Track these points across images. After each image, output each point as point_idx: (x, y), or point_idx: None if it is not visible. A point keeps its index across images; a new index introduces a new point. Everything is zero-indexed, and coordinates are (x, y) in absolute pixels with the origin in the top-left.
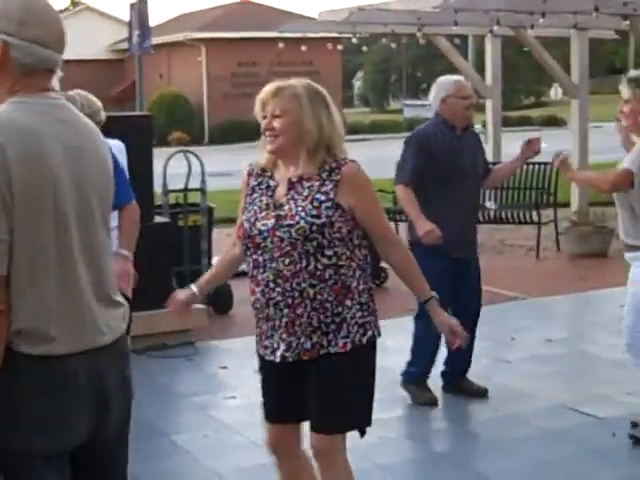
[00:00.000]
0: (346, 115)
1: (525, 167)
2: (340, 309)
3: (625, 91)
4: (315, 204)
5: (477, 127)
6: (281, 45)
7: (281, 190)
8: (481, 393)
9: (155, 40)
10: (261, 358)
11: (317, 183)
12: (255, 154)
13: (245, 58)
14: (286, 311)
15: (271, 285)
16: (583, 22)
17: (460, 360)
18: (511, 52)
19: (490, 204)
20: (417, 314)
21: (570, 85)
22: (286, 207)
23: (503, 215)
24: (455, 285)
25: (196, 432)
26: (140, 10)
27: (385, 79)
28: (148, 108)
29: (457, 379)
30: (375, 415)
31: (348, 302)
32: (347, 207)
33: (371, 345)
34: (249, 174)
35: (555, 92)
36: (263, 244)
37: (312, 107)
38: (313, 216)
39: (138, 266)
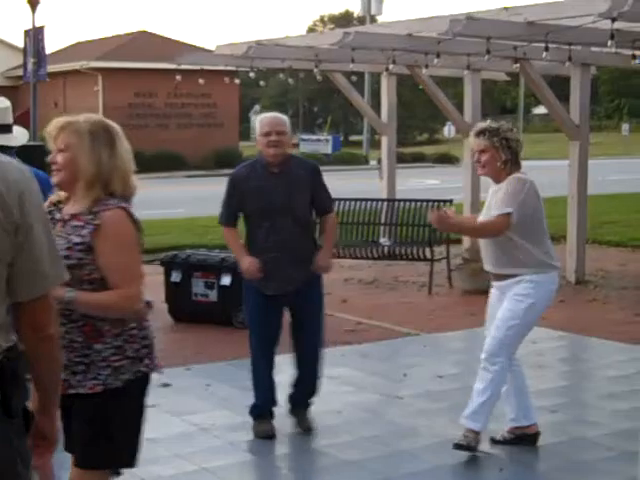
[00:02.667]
0: (242, 148)
1: (419, 204)
2: (89, 351)
3: (479, 142)
4: (69, 245)
5: (372, 162)
6: (178, 77)
7: (58, 226)
8: (306, 429)
9: (51, 68)
10: None
11: (81, 223)
12: (147, 185)
13: (142, 88)
14: None
15: None
16: (476, 63)
17: (306, 384)
18: (407, 89)
19: (384, 240)
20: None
21: (463, 124)
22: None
23: (397, 251)
24: (293, 321)
25: None
26: (35, 37)
27: (282, 113)
28: (41, 137)
29: (297, 406)
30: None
31: (99, 345)
32: (97, 252)
33: (135, 386)
34: (48, 205)
35: (448, 130)
36: None
37: (92, 143)
38: (64, 257)
39: None
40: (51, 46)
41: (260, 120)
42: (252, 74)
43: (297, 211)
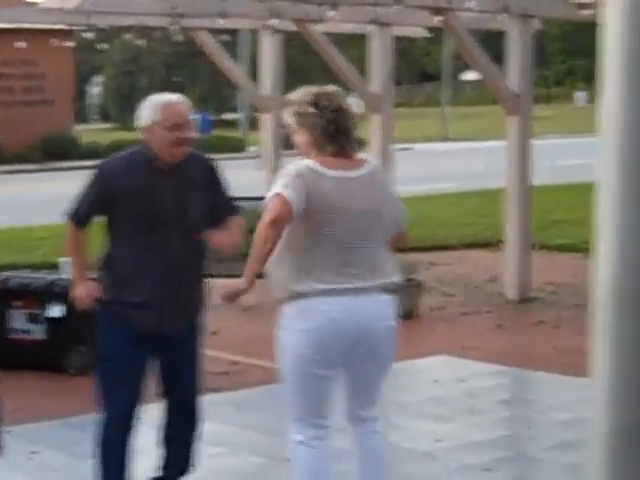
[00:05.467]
0: (79, 133)
1: None
2: None
3: (288, 119)
4: None
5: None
6: None
7: None
8: None
9: None
10: None
11: None
12: None
13: None
14: None
15: None
16: (384, 16)
17: (179, 461)
18: (298, 52)
19: None
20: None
21: (370, 96)
22: None
23: None
24: (165, 367)
25: None
26: None
27: (131, 85)
28: None
29: None
30: None
31: None
32: None
33: None
34: None
35: (357, 104)
36: None
37: None
38: None
39: None
40: None
41: (161, 106)
42: (90, 34)
43: (190, 223)
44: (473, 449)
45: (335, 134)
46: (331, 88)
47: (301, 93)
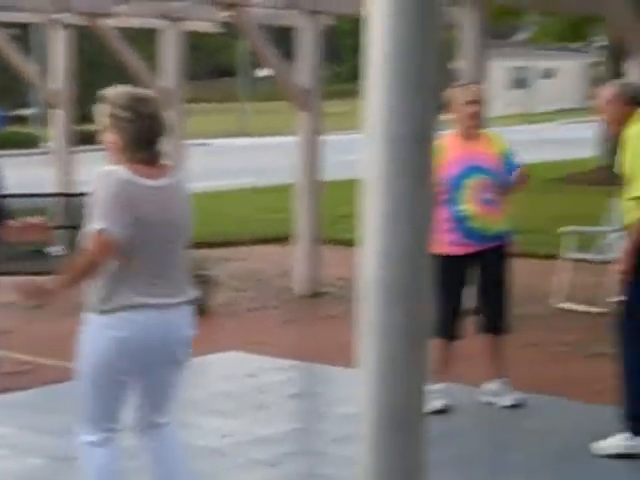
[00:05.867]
0: None
1: None
2: None
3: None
4: None
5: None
6: None
7: None
8: None
9: None
10: None
11: None
12: None
13: None
14: None
15: None
16: (176, 11)
17: None
18: (93, 46)
19: (56, 249)
20: None
21: (161, 91)
22: None
23: None
24: None
25: None
26: None
27: None
28: None
29: None
30: None
31: None
32: None
33: None
34: None
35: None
36: None
37: None
38: None
39: None
40: None
41: None
42: None
43: None
44: (261, 444)
45: (147, 141)
46: (148, 93)
47: (118, 93)
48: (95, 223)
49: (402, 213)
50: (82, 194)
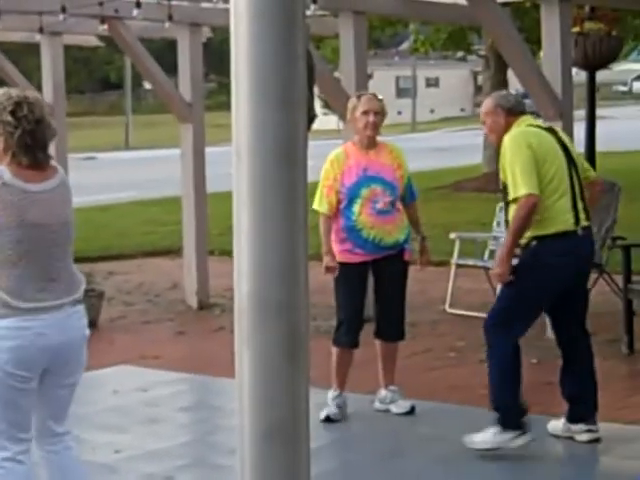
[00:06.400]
0: None
1: None
2: None
3: None
4: None
5: None
6: None
7: None
8: None
9: None
10: None
11: None
12: None
13: None
14: None
15: None
16: (53, 25)
17: None
18: None
19: None
20: None
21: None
22: None
23: None
24: None
25: None
26: None
27: None
28: None
29: None
30: None
31: None
32: None
33: None
34: None
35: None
36: None
37: None
38: None
39: None
40: None
41: None
42: None
43: None
44: (153, 458)
45: (32, 146)
46: (33, 95)
47: (3, 95)
48: None
49: (270, 229)
50: None
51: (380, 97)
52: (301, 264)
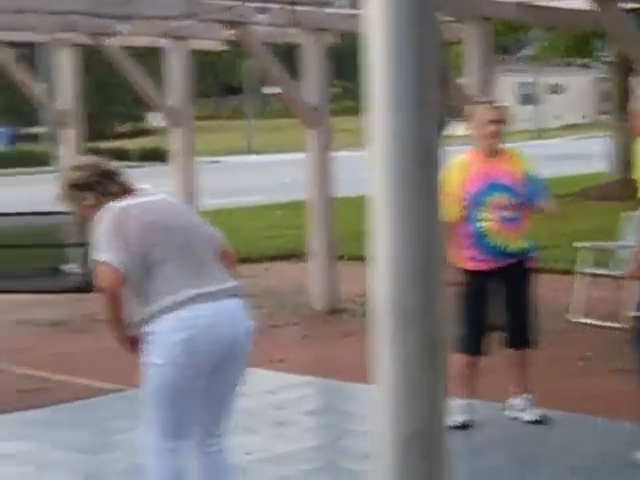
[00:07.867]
0: None
1: None
2: None
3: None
4: None
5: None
6: None
7: None
8: None
9: None
10: None
11: None
12: None
13: None
14: None
15: None
16: (179, 30)
17: None
18: (102, 66)
19: (72, 267)
20: None
21: (169, 109)
22: None
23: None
24: None
25: None
26: None
27: None
28: None
29: None
30: None
31: None
32: None
33: None
34: None
35: (156, 117)
36: None
37: None
38: None
39: None
40: None
41: None
42: None
43: None
44: (282, 461)
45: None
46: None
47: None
48: (99, 253)
49: (407, 231)
50: None
51: (505, 104)
52: (435, 264)
